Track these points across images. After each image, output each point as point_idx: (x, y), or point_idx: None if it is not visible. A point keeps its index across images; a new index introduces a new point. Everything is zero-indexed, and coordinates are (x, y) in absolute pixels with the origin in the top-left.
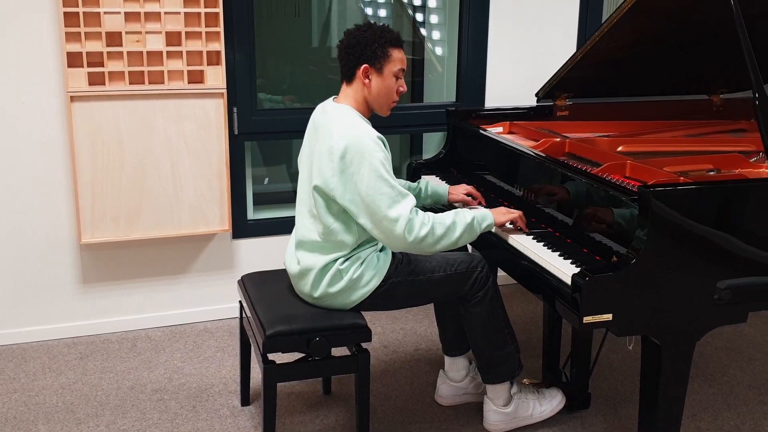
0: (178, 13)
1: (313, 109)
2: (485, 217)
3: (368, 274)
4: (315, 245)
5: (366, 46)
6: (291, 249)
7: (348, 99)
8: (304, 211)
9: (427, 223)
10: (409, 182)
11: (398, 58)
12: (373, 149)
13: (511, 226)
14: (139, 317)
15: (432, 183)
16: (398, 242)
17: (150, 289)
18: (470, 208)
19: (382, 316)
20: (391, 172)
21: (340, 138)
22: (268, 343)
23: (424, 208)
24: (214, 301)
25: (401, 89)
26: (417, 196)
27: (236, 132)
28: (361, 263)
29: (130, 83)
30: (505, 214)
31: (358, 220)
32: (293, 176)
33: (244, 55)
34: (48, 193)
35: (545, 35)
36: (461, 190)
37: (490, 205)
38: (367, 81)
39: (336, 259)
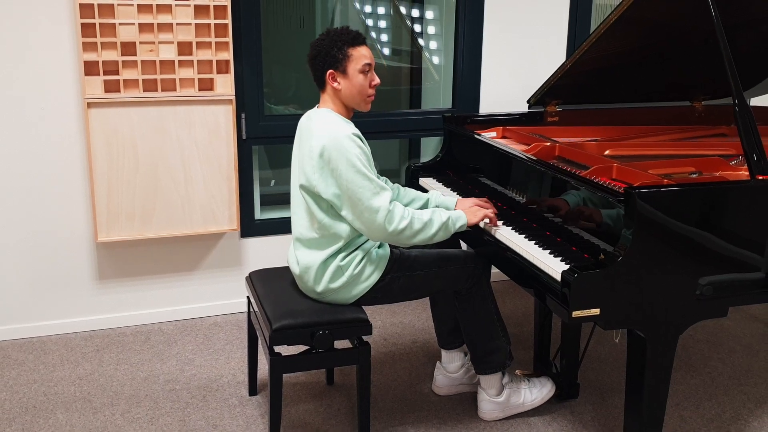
0: (190, 24)
1: None
2: (459, 217)
3: (368, 270)
4: (312, 241)
5: (326, 53)
6: (292, 249)
7: (326, 104)
8: (299, 210)
9: (407, 217)
10: (418, 192)
11: (360, 55)
12: (348, 145)
13: (486, 220)
14: (152, 312)
15: (440, 196)
16: (378, 233)
17: (163, 285)
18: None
19: (382, 311)
20: (369, 166)
21: (318, 138)
22: (275, 337)
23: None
24: (224, 296)
25: (374, 82)
26: (425, 206)
27: (244, 137)
28: (361, 260)
29: (144, 90)
30: (476, 214)
31: (341, 212)
32: None
33: (252, 64)
34: (66, 194)
35: (536, 45)
36: (468, 204)
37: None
38: (336, 84)
39: (334, 254)
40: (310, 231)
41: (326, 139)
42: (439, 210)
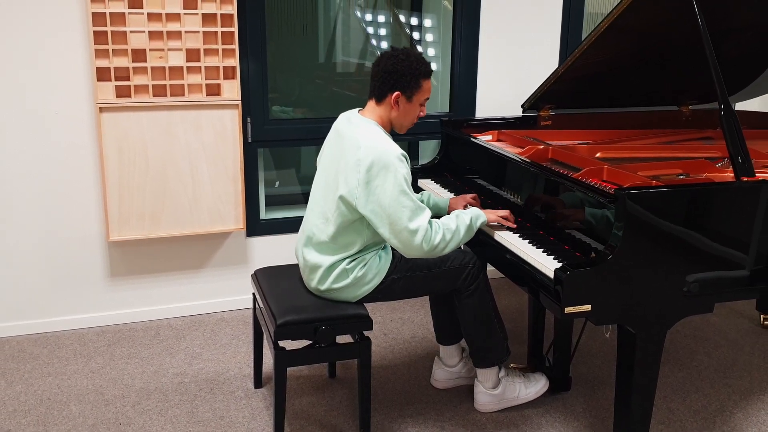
0: (197, 32)
1: (319, 118)
2: (479, 215)
3: (371, 273)
4: (323, 245)
5: (402, 75)
6: (300, 245)
7: (374, 115)
8: (317, 211)
9: (439, 231)
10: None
11: (427, 89)
12: (398, 165)
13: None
14: (161, 308)
15: (433, 196)
16: (416, 251)
17: (172, 283)
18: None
19: (382, 307)
20: (411, 187)
21: (367, 151)
22: (279, 332)
23: None
24: (230, 293)
25: (422, 114)
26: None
27: (250, 140)
28: (365, 264)
29: (154, 95)
30: (494, 213)
31: (378, 230)
32: (302, 180)
33: (257, 69)
34: (79, 195)
35: (530, 52)
36: (461, 202)
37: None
38: (396, 106)
39: (342, 260)
40: (323, 235)
41: (377, 155)
42: (460, 213)
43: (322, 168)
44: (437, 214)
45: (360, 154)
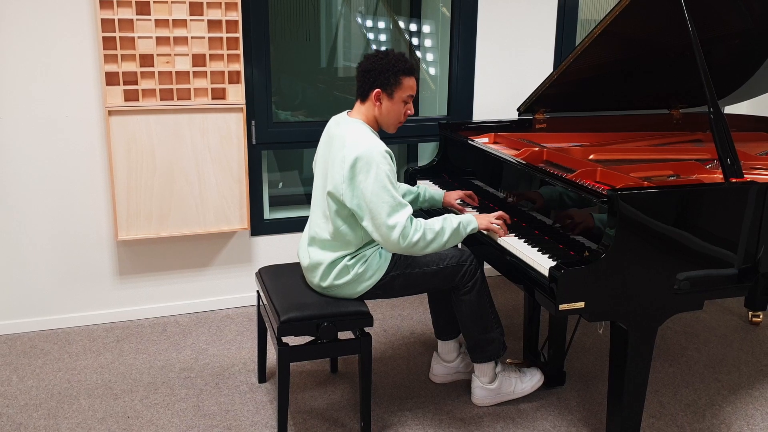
0: (203, 37)
1: (321, 122)
2: (470, 221)
3: (371, 269)
4: (325, 243)
5: (381, 73)
6: (304, 244)
7: (360, 115)
8: (318, 211)
9: (419, 230)
10: (409, 186)
11: (408, 86)
12: (380, 162)
13: (496, 226)
14: (168, 305)
15: (429, 189)
16: (393, 246)
17: (178, 280)
18: (460, 211)
19: (382, 304)
20: (395, 183)
21: (351, 149)
22: (282, 328)
23: (421, 211)
24: (235, 290)
25: (409, 112)
26: (415, 199)
27: (254, 142)
28: (366, 260)
29: (161, 99)
30: (488, 220)
31: (362, 223)
32: (304, 181)
33: (261, 74)
34: (89, 196)
35: (526, 57)
36: (454, 196)
37: (478, 207)
38: (378, 103)
39: (343, 256)
40: (325, 233)
41: (360, 151)
42: (450, 216)
43: (318, 170)
44: (433, 206)
45: (345, 152)
